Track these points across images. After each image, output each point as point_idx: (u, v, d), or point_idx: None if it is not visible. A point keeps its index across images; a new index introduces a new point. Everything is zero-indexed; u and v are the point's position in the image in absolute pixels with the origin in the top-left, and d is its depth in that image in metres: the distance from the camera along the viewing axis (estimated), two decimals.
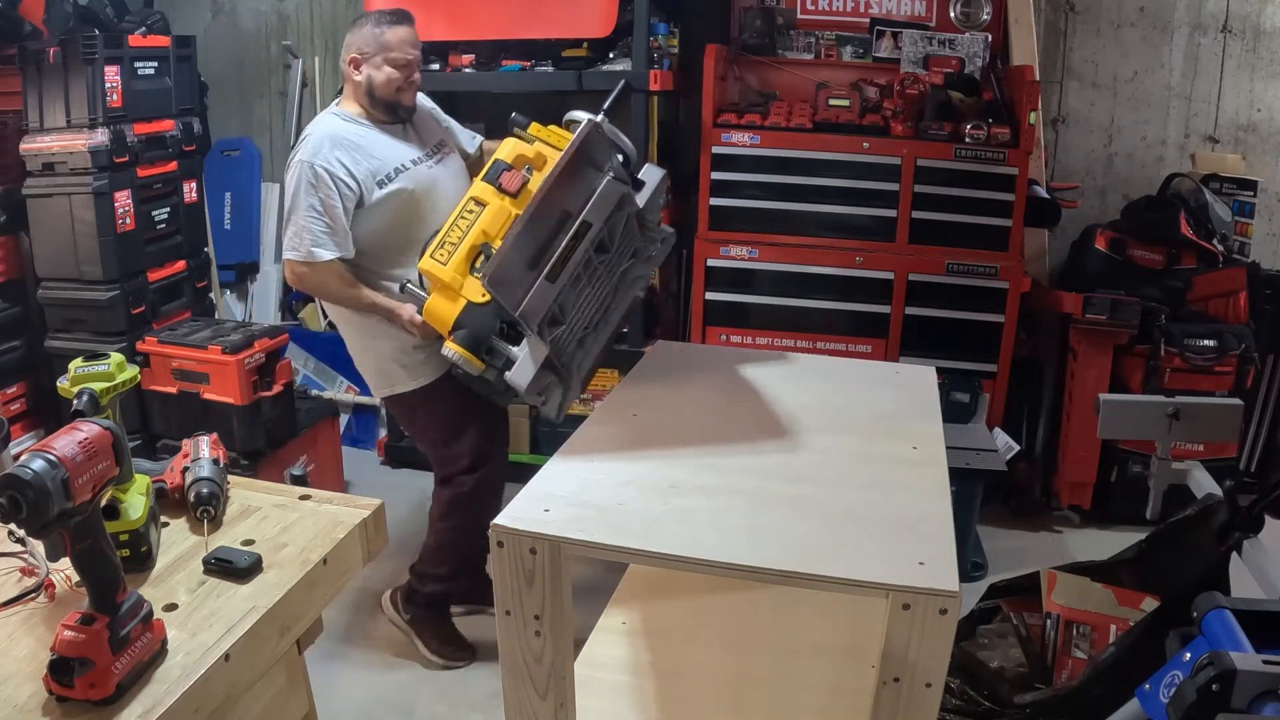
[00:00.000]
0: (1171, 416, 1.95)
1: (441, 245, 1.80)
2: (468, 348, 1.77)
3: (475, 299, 1.77)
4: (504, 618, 1.25)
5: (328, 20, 4.18)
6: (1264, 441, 3.28)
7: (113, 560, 0.98)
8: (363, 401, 3.95)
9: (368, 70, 2.20)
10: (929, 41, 3.32)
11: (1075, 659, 1.89)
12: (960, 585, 1.05)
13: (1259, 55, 3.42)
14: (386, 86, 2.20)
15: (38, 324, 3.14)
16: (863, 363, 2.18)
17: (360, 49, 2.21)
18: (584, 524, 1.20)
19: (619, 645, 1.69)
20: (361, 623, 2.64)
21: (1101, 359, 3.11)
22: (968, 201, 3.03)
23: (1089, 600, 1.92)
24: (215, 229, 3.98)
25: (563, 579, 1.21)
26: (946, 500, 1.25)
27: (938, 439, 1.48)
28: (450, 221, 1.83)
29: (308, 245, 2.11)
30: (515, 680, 1.29)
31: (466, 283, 1.79)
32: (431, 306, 1.84)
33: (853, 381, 1.77)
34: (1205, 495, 1.91)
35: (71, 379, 1.26)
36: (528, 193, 1.82)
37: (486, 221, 1.80)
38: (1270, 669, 1.15)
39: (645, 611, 1.77)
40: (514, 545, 1.20)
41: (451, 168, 2.35)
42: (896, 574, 1.06)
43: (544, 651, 1.25)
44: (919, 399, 1.67)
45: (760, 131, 3.12)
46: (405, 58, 2.21)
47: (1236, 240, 3.32)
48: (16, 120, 3.03)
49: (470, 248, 1.79)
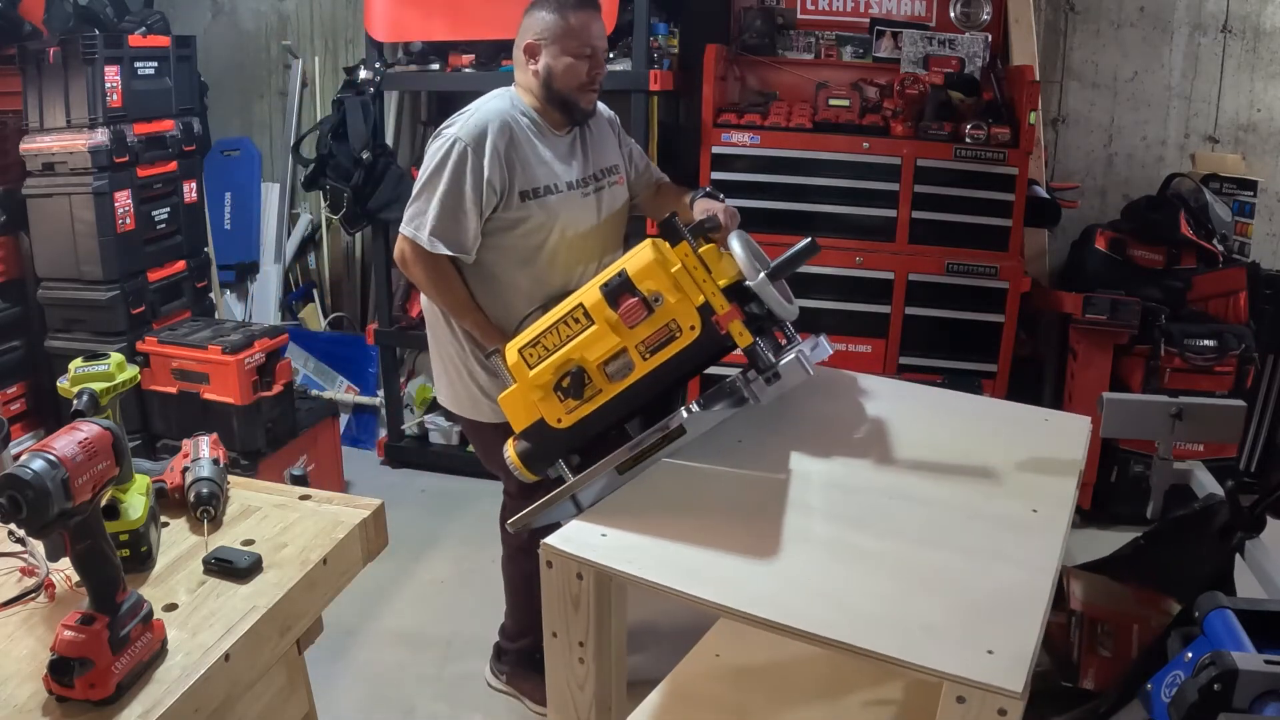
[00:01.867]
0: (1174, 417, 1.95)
1: (535, 344, 1.53)
2: (525, 463, 1.59)
3: (550, 420, 1.55)
4: (550, 640, 1.23)
5: (328, 20, 4.18)
6: (1264, 442, 3.28)
7: (113, 560, 0.98)
8: (363, 401, 3.95)
9: (545, 59, 1.95)
10: (929, 41, 3.32)
11: (1101, 658, 1.87)
12: None
13: (1259, 55, 3.42)
14: (567, 78, 1.94)
15: (38, 324, 3.14)
16: (1006, 404, 1.92)
17: (537, 34, 1.96)
18: (635, 555, 1.15)
19: (702, 679, 1.61)
20: (361, 623, 2.64)
21: (1101, 359, 3.11)
22: (968, 201, 3.03)
23: (1112, 599, 1.91)
24: (215, 229, 3.97)
25: (611, 607, 1.18)
26: (1048, 578, 1.10)
27: (1066, 501, 1.31)
28: (552, 320, 1.52)
29: (426, 230, 1.91)
30: (559, 706, 1.26)
31: (548, 400, 1.54)
32: (508, 399, 1.61)
33: (987, 422, 1.61)
34: (1207, 495, 1.91)
35: (71, 379, 1.26)
36: (641, 328, 1.46)
37: (586, 344, 1.48)
38: (1272, 669, 1.15)
39: (745, 644, 1.66)
40: (562, 568, 1.18)
41: (609, 203, 2.07)
42: (957, 661, 0.95)
43: (587, 680, 1.21)
44: (1060, 451, 1.48)
45: (760, 131, 3.11)
46: (590, 47, 1.95)
47: (1236, 240, 3.32)
48: (16, 120, 3.02)
49: (562, 363, 1.50)
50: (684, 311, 1.43)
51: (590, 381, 1.49)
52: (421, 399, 3.80)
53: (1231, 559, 1.74)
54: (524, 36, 1.99)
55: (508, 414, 1.61)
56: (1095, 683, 1.86)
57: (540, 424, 1.56)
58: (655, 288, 1.43)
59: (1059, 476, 1.39)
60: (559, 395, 1.51)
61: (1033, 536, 1.20)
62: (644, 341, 1.45)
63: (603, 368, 1.48)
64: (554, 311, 1.54)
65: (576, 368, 1.49)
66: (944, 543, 1.19)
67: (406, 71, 3.47)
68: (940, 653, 0.96)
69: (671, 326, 1.43)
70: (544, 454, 1.57)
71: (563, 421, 1.52)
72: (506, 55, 3.33)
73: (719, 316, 1.42)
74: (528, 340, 1.54)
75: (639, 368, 1.46)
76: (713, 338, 1.43)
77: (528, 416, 1.57)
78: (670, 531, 1.19)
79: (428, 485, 3.58)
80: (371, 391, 3.96)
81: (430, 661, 2.51)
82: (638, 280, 1.44)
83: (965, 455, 1.45)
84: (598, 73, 1.98)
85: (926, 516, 1.27)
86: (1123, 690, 1.61)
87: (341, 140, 3.34)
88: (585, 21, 1.95)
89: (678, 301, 1.42)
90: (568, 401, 1.51)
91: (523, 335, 1.57)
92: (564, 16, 1.93)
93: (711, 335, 1.43)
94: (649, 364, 1.46)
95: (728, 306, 1.41)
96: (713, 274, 1.43)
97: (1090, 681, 1.87)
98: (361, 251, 4.27)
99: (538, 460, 1.58)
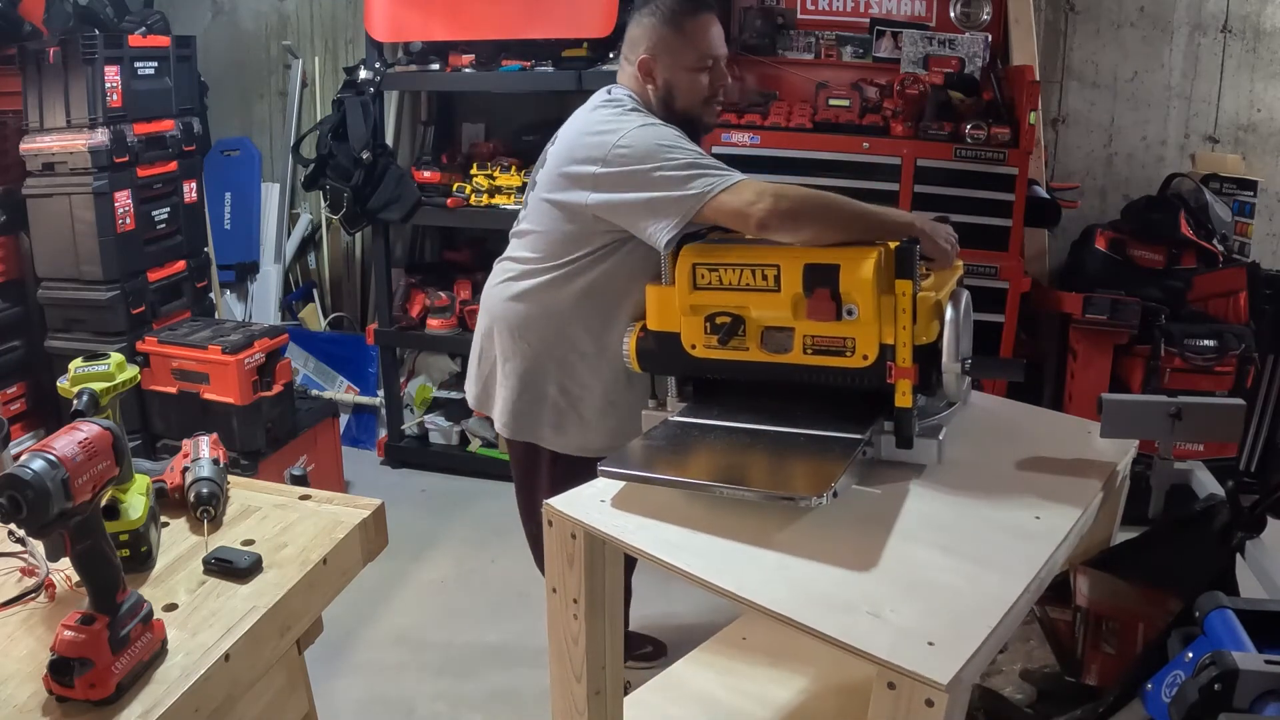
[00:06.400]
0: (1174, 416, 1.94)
1: (714, 269, 1.43)
2: (640, 358, 1.53)
3: (684, 342, 1.47)
4: (551, 595, 1.29)
5: (328, 20, 4.18)
6: (1264, 442, 3.28)
7: (113, 560, 0.98)
8: (363, 401, 3.95)
9: (662, 74, 1.75)
10: (929, 41, 3.32)
11: (1105, 655, 1.87)
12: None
13: (1259, 55, 3.42)
14: (691, 96, 1.75)
15: (38, 324, 3.14)
16: (1054, 415, 1.85)
17: (651, 48, 1.75)
18: (626, 525, 1.20)
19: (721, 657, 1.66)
20: (361, 623, 2.64)
21: (1101, 359, 3.11)
22: (968, 201, 3.03)
23: (1118, 597, 1.91)
24: (215, 229, 3.97)
25: (604, 569, 1.23)
26: (1019, 584, 1.10)
27: (1072, 514, 1.29)
28: (742, 260, 1.41)
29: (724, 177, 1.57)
30: (557, 657, 1.32)
31: (693, 324, 1.45)
32: (655, 289, 1.50)
33: (1024, 433, 1.56)
34: (1207, 495, 1.91)
35: (71, 379, 1.25)
36: (820, 325, 1.37)
37: (760, 302, 1.41)
38: (1273, 669, 1.15)
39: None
40: (560, 526, 1.24)
41: None
42: (892, 648, 0.95)
43: (580, 635, 1.26)
44: (1087, 466, 1.45)
45: (760, 131, 3.11)
46: (712, 56, 1.75)
47: (1236, 240, 3.32)
48: (16, 120, 3.02)
49: (728, 304, 1.42)
50: (867, 339, 1.35)
51: (743, 335, 1.41)
52: (421, 399, 3.79)
53: (1232, 559, 1.74)
54: (634, 49, 1.78)
55: (649, 301, 1.51)
56: (1099, 679, 1.86)
57: (675, 338, 1.48)
58: (856, 301, 1.34)
59: (1075, 490, 1.37)
60: (706, 327, 1.43)
61: (1023, 544, 1.19)
62: (814, 338, 1.39)
63: (762, 332, 1.41)
64: (749, 251, 1.42)
65: (738, 317, 1.40)
66: (926, 539, 1.19)
67: (406, 71, 3.47)
68: (879, 638, 0.97)
69: (847, 342, 1.37)
70: (661, 364, 1.52)
71: (696, 350, 1.45)
72: (507, 55, 3.34)
73: (895, 367, 1.34)
74: (708, 260, 1.43)
75: (794, 355, 1.39)
76: (876, 377, 1.36)
77: (664, 323, 1.50)
78: (674, 510, 1.23)
79: (428, 485, 3.58)
80: (371, 391, 3.96)
81: (430, 661, 2.51)
82: (844, 282, 1.34)
83: (984, 460, 1.43)
84: (721, 84, 1.79)
85: (919, 512, 1.27)
86: (1123, 690, 1.61)
87: (341, 140, 3.35)
88: (702, 28, 1.75)
89: (867, 327, 1.34)
90: (710, 338, 1.43)
91: (704, 249, 1.46)
92: (677, 25, 1.73)
93: (877, 375, 1.36)
94: (806, 359, 1.39)
95: (910, 365, 1.33)
96: (915, 325, 1.33)
97: (1093, 677, 1.87)
98: (361, 251, 4.27)
99: (652, 364, 1.53)
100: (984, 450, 1.47)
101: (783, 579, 1.09)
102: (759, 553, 1.16)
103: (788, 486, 1.24)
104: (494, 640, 2.58)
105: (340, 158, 3.35)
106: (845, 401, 1.42)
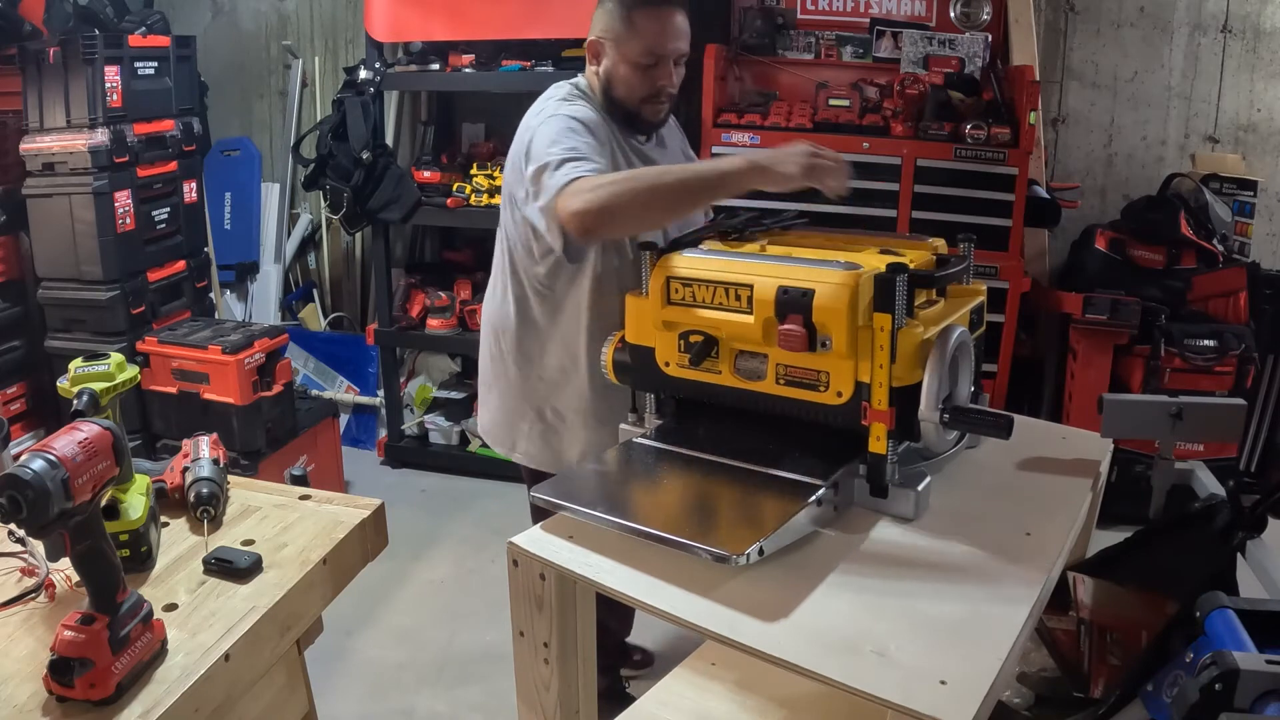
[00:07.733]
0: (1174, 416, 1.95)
1: (689, 284, 1.34)
2: (616, 370, 1.46)
3: (658, 358, 1.39)
4: (518, 639, 1.21)
5: (328, 20, 4.18)
6: (1264, 442, 3.28)
7: (113, 560, 0.98)
8: (363, 401, 3.95)
9: (606, 62, 1.69)
10: (929, 41, 3.32)
11: (1111, 666, 1.86)
12: None
13: (1259, 55, 3.42)
14: (628, 89, 1.67)
15: (38, 324, 3.13)
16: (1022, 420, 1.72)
17: (601, 33, 1.69)
18: (597, 562, 1.12)
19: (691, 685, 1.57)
20: (361, 623, 2.64)
21: (1101, 359, 3.11)
22: (968, 201, 3.03)
23: (1120, 605, 1.90)
24: (215, 229, 3.97)
25: (576, 611, 1.16)
26: (1022, 610, 1.04)
27: (1063, 529, 1.23)
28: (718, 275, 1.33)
29: (558, 173, 1.50)
30: (527, 704, 1.24)
31: (666, 339, 1.38)
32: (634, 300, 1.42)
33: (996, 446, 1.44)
34: (1208, 495, 1.91)
35: (71, 379, 1.25)
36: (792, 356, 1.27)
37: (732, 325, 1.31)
38: (1273, 669, 1.15)
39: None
40: (527, 567, 1.16)
41: None
42: (904, 690, 0.90)
43: (552, 680, 1.20)
44: (1070, 476, 1.40)
45: (760, 131, 3.11)
46: (657, 55, 1.65)
47: (1236, 240, 3.32)
48: (16, 120, 3.02)
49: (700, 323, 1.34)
50: (841, 375, 1.23)
51: (715, 356, 1.33)
52: (421, 399, 3.79)
53: (1233, 559, 1.74)
54: (591, 31, 1.71)
55: (628, 312, 1.42)
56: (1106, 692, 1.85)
57: (650, 353, 1.40)
58: (831, 332, 1.21)
59: (1061, 502, 1.32)
60: (680, 345, 1.35)
61: (1016, 564, 1.14)
62: (786, 366, 1.28)
63: (735, 355, 1.32)
64: (727, 267, 1.32)
65: (710, 337, 1.32)
66: (919, 571, 1.12)
67: (406, 71, 3.47)
68: (888, 680, 0.92)
69: (821, 376, 1.26)
70: (636, 379, 1.44)
71: (669, 368, 1.38)
72: (507, 55, 3.34)
73: (870, 409, 1.21)
74: (683, 274, 1.33)
75: (767, 384, 1.30)
76: (849, 417, 1.24)
77: (641, 336, 1.41)
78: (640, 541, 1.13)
79: (428, 485, 3.58)
80: (371, 391, 3.96)
81: (430, 661, 2.51)
82: (818, 311, 1.21)
83: (963, 474, 1.36)
84: (664, 83, 1.69)
85: (906, 543, 1.19)
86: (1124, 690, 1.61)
87: (341, 140, 3.35)
88: (654, 22, 1.65)
89: (842, 361, 1.22)
90: (683, 356, 1.35)
91: (685, 260, 1.35)
92: (627, 16, 1.65)
93: (850, 415, 1.24)
94: (778, 389, 1.30)
95: (885, 409, 1.20)
96: (894, 365, 1.18)
97: (1101, 691, 1.87)
98: (361, 251, 4.27)
99: (628, 377, 1.45)
100: (959, 471, 1.39)
101: (773, 615, 1.04)
102: (737, 583, 1.10)
103: (715, 539, 1.11)
104: (494, 640, 2.58)
105: (340, 158, 3.35)
106: (823, 439, 1.30)
